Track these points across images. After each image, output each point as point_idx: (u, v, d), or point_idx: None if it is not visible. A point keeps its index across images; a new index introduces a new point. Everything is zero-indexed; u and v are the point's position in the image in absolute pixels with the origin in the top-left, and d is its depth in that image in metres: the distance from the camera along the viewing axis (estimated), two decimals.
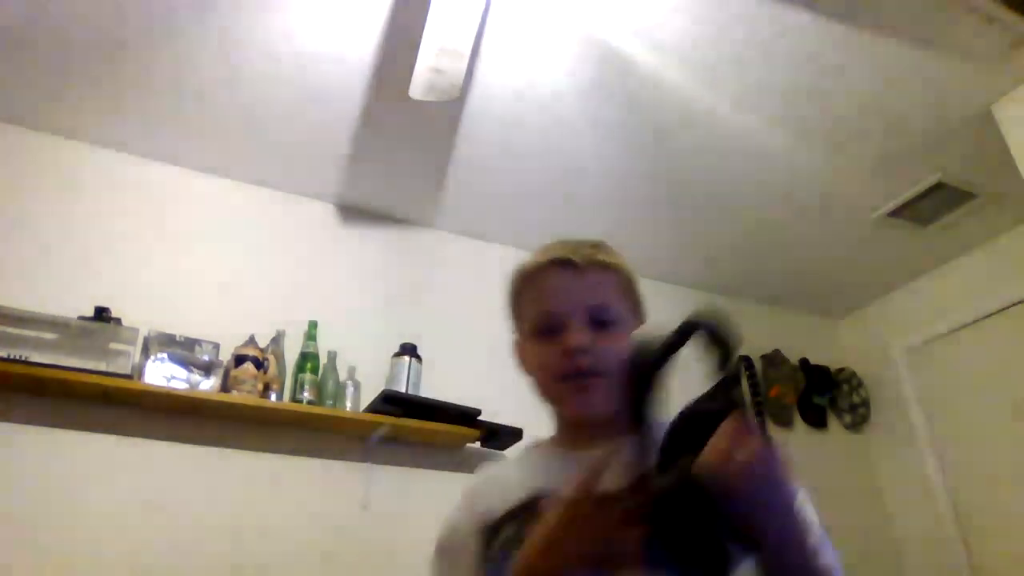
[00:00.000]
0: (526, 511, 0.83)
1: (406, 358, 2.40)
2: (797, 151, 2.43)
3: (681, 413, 0.70)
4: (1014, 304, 2.83)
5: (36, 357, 1.94)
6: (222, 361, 2.17)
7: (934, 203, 2.69)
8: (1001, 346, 2.84)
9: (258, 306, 2.39)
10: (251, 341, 2.22)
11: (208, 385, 2.11)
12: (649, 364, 0.69)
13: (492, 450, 2.44)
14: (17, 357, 1.91)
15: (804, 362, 3.29)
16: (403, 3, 1.88)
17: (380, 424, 2.22)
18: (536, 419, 1.04)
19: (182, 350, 2.12)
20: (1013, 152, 2.20)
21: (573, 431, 0.94)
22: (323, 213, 2.67)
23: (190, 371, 2.10)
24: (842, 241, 2.93)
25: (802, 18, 1.93)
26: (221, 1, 1.88)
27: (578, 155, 2.44)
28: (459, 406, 2.34)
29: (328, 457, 2.27)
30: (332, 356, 2.36)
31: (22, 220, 2.20)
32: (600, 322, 0.90)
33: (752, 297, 3.34)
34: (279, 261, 2.52)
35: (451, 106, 2.15)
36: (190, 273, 2.35)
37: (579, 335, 0.89)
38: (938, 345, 3.08)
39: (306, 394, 2.23)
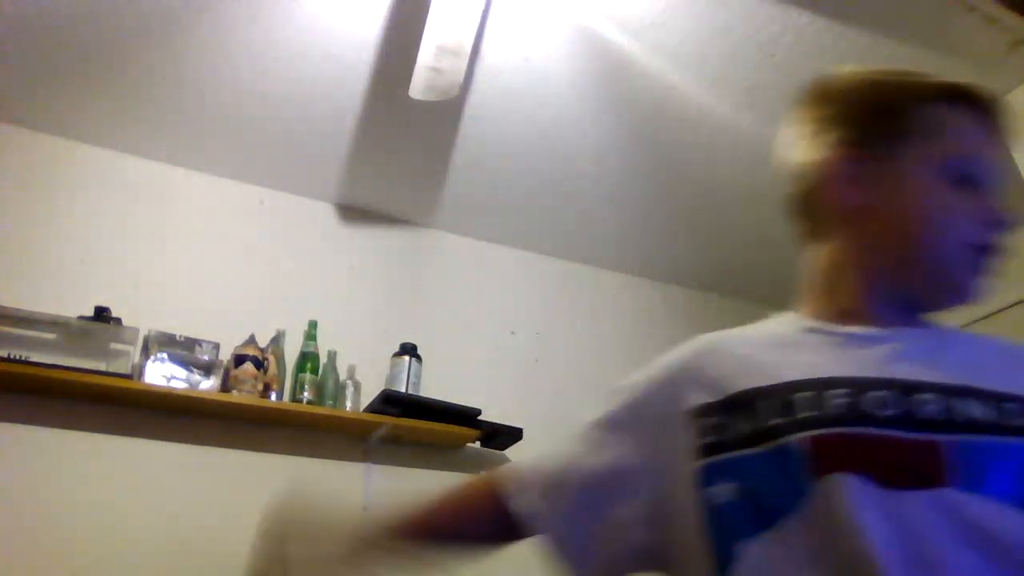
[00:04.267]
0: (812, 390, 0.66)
1: (406, 358, 2.40)
2: None
3: None
4: (1014, 304, 2.82)
5: (36, 357, 1.94)
6: (222, 361, 2.17)
7: None
8: None
9: (258, 306, 2.39)
10: (251, 341, 2.22)
11: (208, 385, 2.11)
12: None
13: (492, 450, 2.44)
14: (17, 357, 1.92)
15: None
16: (403, 2, 1.88)
17: (380, 424, 2.22)
18: (537, 419, 1.03)
19: (182, 350, 2.12)
20: (1013, 152, 2.19)
21: (863, 304, 0.77)
22: (323, 213, 2.67)
23: (190, 371, 2.10)
24: None
25: (802, 18, 1.93)
26: (221, 1, 1.89)
27: (579, 155, 2.44)
28: (459, 406, 2.34)
29: (328, 457, 2.27)
30: (332, 356, 2.36)
31: (22, 220, 2.20)
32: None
33: (752, 297, 3.34)
34: (279, 261, 2.51)
35: (451, 106, 2.15)
36: (190, 273, 2.35)
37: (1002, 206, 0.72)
38: None
39: (306, 394, 2.23)
